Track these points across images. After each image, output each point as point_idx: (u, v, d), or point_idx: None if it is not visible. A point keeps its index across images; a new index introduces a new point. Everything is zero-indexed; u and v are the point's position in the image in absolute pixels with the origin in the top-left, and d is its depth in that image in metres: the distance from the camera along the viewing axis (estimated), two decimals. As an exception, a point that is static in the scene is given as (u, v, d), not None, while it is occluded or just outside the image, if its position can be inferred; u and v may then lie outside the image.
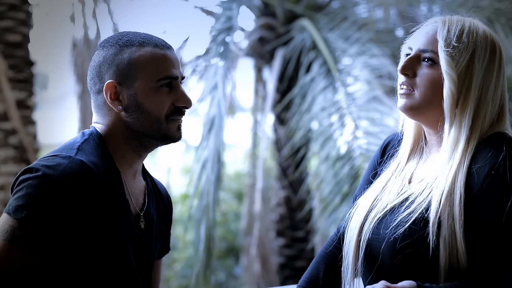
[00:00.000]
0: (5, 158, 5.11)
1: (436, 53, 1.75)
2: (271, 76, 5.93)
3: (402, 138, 1.91)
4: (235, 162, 10.52)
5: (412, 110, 1.79)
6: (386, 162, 1.94)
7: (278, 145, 6.26)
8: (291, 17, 5.88)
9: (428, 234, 1.67)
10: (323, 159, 4.70)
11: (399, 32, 5.81)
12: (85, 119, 5.99)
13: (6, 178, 5.08)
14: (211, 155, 4.31)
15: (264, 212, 6.50)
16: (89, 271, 1.68)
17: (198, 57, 5.78)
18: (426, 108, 1.78)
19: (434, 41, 1.76)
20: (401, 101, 1.80)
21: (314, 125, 5.08)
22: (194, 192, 4.47)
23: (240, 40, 6.13)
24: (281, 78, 5.83)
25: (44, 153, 1.77)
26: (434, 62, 1.75)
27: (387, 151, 1.97)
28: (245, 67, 6.76)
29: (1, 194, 5.10)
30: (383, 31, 5.58)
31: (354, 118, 4.57)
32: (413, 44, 1.81)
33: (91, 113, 1.88)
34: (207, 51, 4.82)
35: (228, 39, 4.77)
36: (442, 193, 1.69)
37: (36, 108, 5.59)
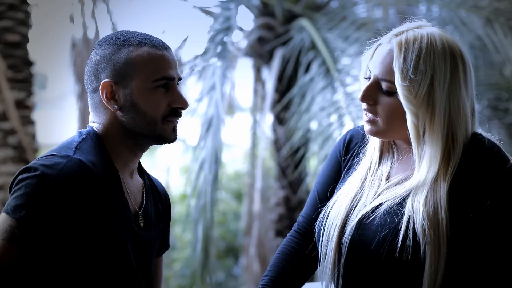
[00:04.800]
0: (4, 158, 5.11)
1: (394, 83, 1.72)
2: (270, 76, 5.93)
3: (365, 134, 1.88)
4: (234, 162, 10.53)
5: (378, 134, 1.80)
6: (353, 159, 1.91)
7: (277, 145, 6.26)
8: (290, 17, 5.87)
9: (411, 239, 1.66)
10: (322, 159, 4.70)
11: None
12: (84, 119, 5.99)
13: (5, 178, 5.08)
14: (209, 155, 4.31)
15: (264, 212, 6.50)
16: (88, 270, 1.68)
17: (196, 57, 5.78)
18: (392, 131, 1.78)
19: (390, 71, 1.73)
20: (366, 127, 1.79)
21: (313, 125, 5.08)
22: (191, 192, 4.47)
23: (239, 40, 6.13)
24: (280, 78, 5.82)
25: (43, 153, 1.76)
26: (393, 92, 1.73)
27: (351, 148, 1.93)
28: (244, 67, 6.76)
29: (0, 193, 5.10)
30: (382, 31, 5.57)
31: (353, 118, 4.57)
32: (371, 68, 1.78)
33: (89, 113, 1.88)
34: (206, 51, 4.81)
35: (226, 39, 4.77)
36: (426, 205, 1.68)
37: (35, 108, 5.59)
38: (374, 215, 1.73)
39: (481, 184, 1.69)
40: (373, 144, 1.87)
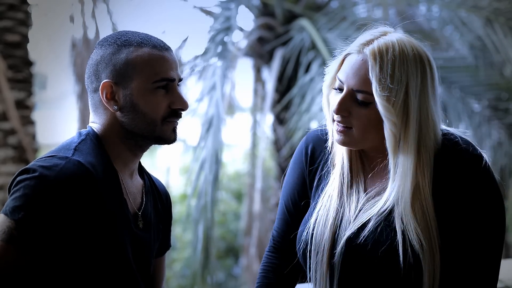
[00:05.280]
0: (4, 158, 5.11)
1: (370, 94, 1.71)
2: (270, 76, 5.93)
3: (326, 140, 1.87)
4: (235, 162, 10.52)
5: (351, 145, 1.78)
6: (321, 171, 1.89)
7: (277, 145, 6.26)
8: (290, 17, 5.87)
9: (411, 253, 1.67)
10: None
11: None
12: (84, 119, 5.99)
13: (5, 178, 5.08)
14: (209, 155, 4.31)
15: (264, 212, 6.50)
16: (87, 271, 1.68)
17: (197, 57, 5.78)
18: (366, 141, 1.77)
19: (366, 81, 1.71)
20: (338, 137, 1.77)
21: (314, 125, 5.07)
22: (192, 192, 4.47)
23: (239, 40, 6.13)
24: (280, 78, 5.82)
25: (43, 153, 1.77)
26: (369, 102, 1.72)
27: (316, 158, 1.91)
28: (244, 67, 6.76)
29: (0, 194, 5.10)
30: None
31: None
32: (343, 79, 1.75)
33: (89, 113, 1.88)
34: (206, 51, 4.81)
35: (226, 39, 4.77)
36: (414, 214, 1.69)
37: (35, 108, 5.59)
38: (364, 233, 1.72)
39: (460, 188, 1.70)
40: (341, 153, 1.85)
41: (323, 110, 1.84)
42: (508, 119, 5.48)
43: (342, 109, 1.74)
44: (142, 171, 1.90)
